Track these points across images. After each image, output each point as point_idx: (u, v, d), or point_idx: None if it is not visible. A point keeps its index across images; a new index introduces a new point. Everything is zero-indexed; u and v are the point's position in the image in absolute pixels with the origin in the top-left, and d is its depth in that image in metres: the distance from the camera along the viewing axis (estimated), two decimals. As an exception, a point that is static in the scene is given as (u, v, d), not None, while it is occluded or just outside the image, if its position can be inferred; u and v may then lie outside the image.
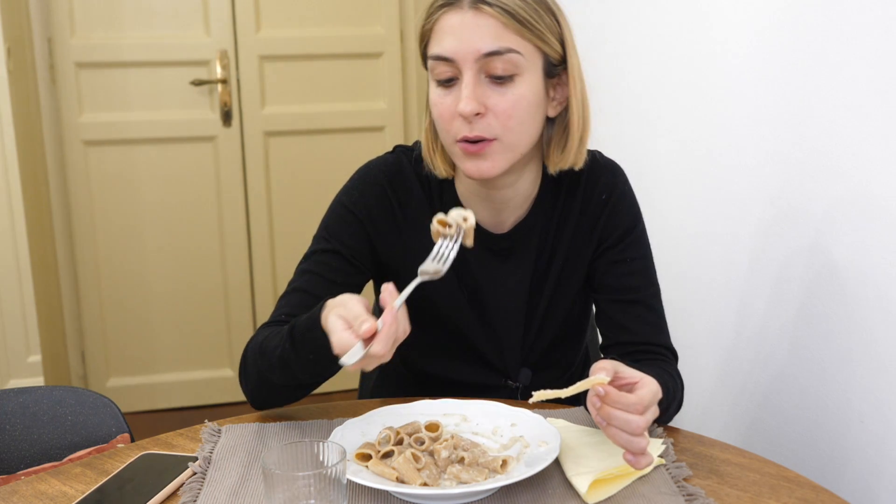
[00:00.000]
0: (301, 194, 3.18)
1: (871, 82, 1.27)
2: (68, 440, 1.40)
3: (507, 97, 1.12)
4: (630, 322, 1.25)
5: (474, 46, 1.10)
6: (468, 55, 1.10)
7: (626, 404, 0.96)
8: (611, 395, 0.96)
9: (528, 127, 1.15)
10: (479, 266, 1.27)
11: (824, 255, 1.40)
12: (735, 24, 1.62)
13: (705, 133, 1.74)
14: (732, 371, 1.70)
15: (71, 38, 2.94)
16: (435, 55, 1.13)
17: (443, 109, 1.14)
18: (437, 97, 1.15)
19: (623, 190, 1.27)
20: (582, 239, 1.27)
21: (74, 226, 3.04)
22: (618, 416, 0.96)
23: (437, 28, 1.13)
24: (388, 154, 1.30)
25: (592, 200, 1.26)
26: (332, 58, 3.14)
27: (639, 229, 1.28)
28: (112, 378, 3.16)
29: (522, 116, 1.14)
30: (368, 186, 1.26)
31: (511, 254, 1.27)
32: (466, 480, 0.99)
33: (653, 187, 1.92)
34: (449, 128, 1.14)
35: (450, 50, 1.11)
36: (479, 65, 1.11)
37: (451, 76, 1.13)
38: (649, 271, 1.28)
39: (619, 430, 0.97)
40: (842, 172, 1.34)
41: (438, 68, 1.13)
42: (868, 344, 1.32)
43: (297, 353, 1.08)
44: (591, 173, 1.26)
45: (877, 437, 1.31)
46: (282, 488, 0.86)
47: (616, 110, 2.07)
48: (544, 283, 1.28)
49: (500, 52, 1.10)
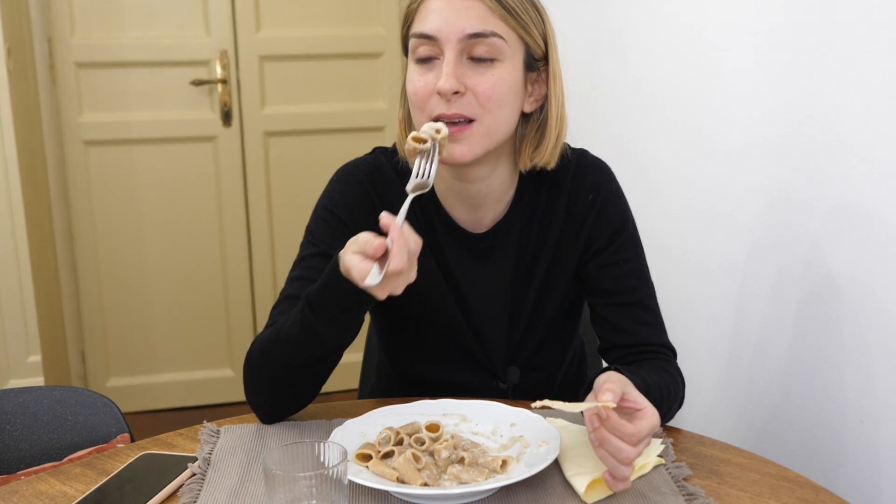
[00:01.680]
0: (301, 194, 3.18)
1: (874, 82, 1.27)
2: (68, 440, 1.40)
3: (488, 78, 1.12)
4: (627, 324, 1.24)
5: (459, 27, 1.10)
6: (452, 34, 1.10)
7: (623, 433, 0.96)
8: (611, 420, 0.96)
9: (506, 112, 1.15)
10: (459, 266, 1.27)
11: (824, 254, 1.40)
12: (736, 24, 1.62)
13: (705, 132, 1.74)
14: (732, 371, 1.70)
15: (71, 38, 2.93)
16: (418, 33, 1.13)
17: (419, 86, 1.13)
18: (414, 75, 1.15)
19: (610, 190, 1.26)
20: (568, 240, 1.26)
21: (74, 226, 3.04)
22: (612, 443, 0.96)
23: (423, 8, 1.14)
24: (366, 155, 1.30)
25: (579, 201, 1.25)
26: (332, 58, 3.14)
27: (629, 229, 1.26)
28: (112, 378, 3.16)
29: (501, 99, 1.13)
30: (348, 187, 1.26)
31: (491, 254, 1.27)
32: (466, 480, 0.99)
33: (652, 186, 1.92)
34: (424, 106, 1.14)
35: (433, 28, 1.11)
36: (461, 45, 1.11)
37: (431, 55, 1.13)
38: (643, 271, 1.27)
39: (609, 455, 0.97)
40: (843, 173, 1.34)
41: (420, 47, 1.13)
42: (868, 344, 1.32)
43: (320, 313, 1.05)
44: (577, 173, 1.25)
45: (877, 437, 1.31)
46: (283, 489, 0.86)
47: (616, 109, 2.07)
48: (529, 283, 1.27)
49: (485, 35, 1.11)
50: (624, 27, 2.03)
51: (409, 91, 1.16)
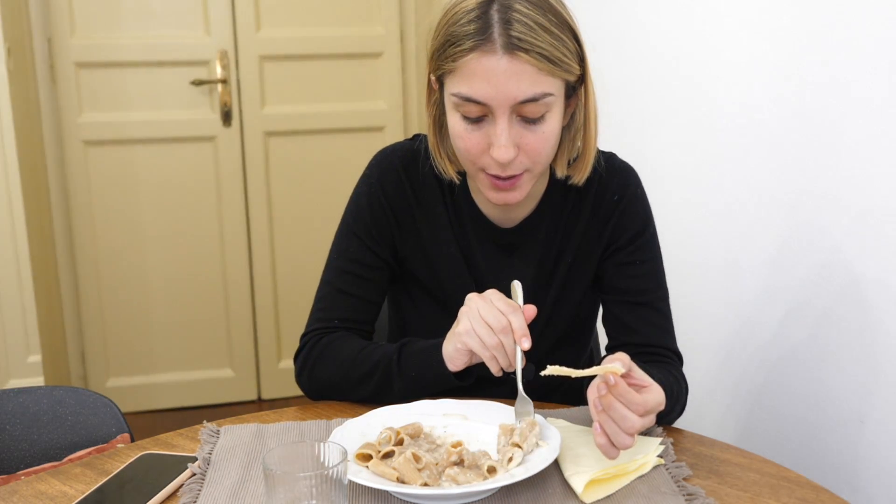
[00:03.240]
0: (301, 194, 3.18)
1: (878, 82, 1.27)
2: (68, 440, 1.40)
3: (538, 135, 1.11)
4: (637, 324, 1.25)
5: (511, 94, 1.06)
6: (504, 102, 1.07)
7: (629, 401, 0.97)
8: (619, 387, 0.97)
9: (552, 152, 1.16)
10: (484, 258, 1.28)
11: (823, 254, 1.40)
12: (738, 24, 1.62)
13: (708, 134, 1.74)
14: (732, 371, 1.70)
15: (71, 38, 2.93)
16: (465, 96, 1.09)
17: (471, 145, 1.12)
18: (463, 131, 1.12)
19: (636, 192, 1.27)
20: (592, 239, 1.27)
21: (74, 226, 3.04)
22: (617, 409, 0.97)
23: (467, 68, 1.07)
24: (407, 140, 1.31)
25: (604, 201, 1.26)
26: (332, 58, 3.14)
27: (650, 232, 1.28)
28: (112, 378, 3.16)
29: (549, 150, 1.14)
30: (385, 173, 1.28)
31: (515, 249, 1.28)
32: (463, 482, 0.99)
33: (653, 187, 1.92)
34: (476, 161, 1.13)
35: (484, 96, 1.07)
36: (511, 110, 1.08)
37: (480, 115, 1.10)
38: (659, 274, 1.28)
39: (612, 421, 0.97)
40: (843, 173, 1.34)
41: (467, 107, 1.10)
42: (868, 344, 1.32)
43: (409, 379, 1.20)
44: (605, 175, 1.26)
45: (876, 437, 1.31)
46: (283, 489, 0.86)
47: (619, 111, 2.07)
48: (550, 281, 1.28)
49: (537, 99, 1.08)
50: (623, 29, 2.03)
51: (458, 144, 1.14)
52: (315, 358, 1.26)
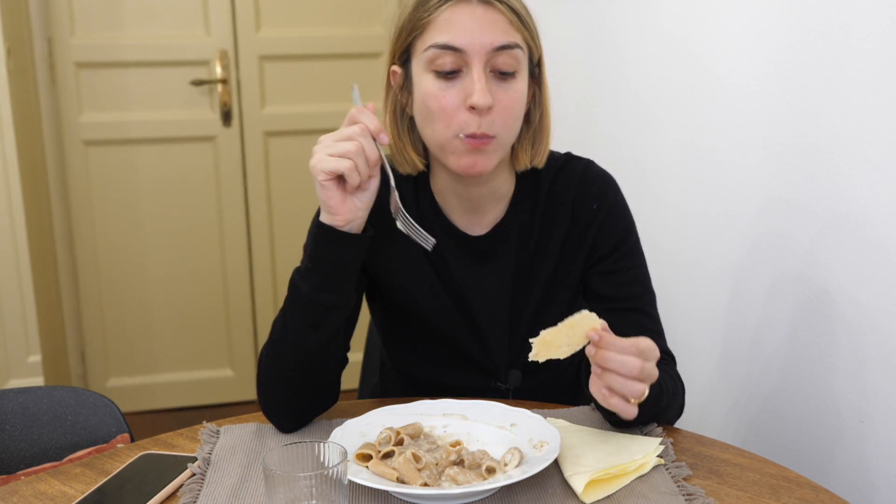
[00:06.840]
0: (301, 194, 3.18)
1: (875, 84, 1.27)
2: (68, 440, 1.41)
3: (510, 93, 1.13)
4: (627, 329, 1.23)
5: (487, 39, 1.10)
6: (481, 47, 1.11)
7: (621, 347, 0.98)
8: (606, 337, 0.98)
9: (519, 125, 1.18)
10: (459, 270, 1.27)
11: (823, 254, 1.40)
12: (738, 24, 1.62)
13: (704, 133, 1.74)
14: (731, 371, 1.70)
15: (71, 38, 2.94)
16: (441, 44, 1.11)
17: (446, 102, 1.13)
18: (437, 90, 1.13)
19: (615, 200, 1.27)
20: (572, 246, 1.27)
21: (74, 226, 3.05)
22: (613, 358, 0.97)
23: (441, 19, 1.12)
24: None
25: (583, 210, 1.26)
26: (332, 58, 3.14)
27: (632, 239, 1.28)
28: (112, 378, 3.16)
29: (518, 114, 1.16)
30: None
31: (491, 256, 1.27)
32: (462, 482, 0.99)
33: (651, 186, 1.92)
34: (451, 122, 1.13)
35: (461, 41, 1.11)
36: (487, 58, 1.11)
37: (455, 68, 1.12)
38: (645, 279, 1.28)
39: (615, 374, 0.98)
40: (843, 174, 1.34)
41: (443, 58, 1.12)
42: (868, 344, 1.32)
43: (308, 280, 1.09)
44: (583, 182, 1.27)
45: (877, 437, 1.31)
46: (283, 489, 0.86)
47: (616, 110, 2.07)
48: (531, 287, 1.28)
49: (510, 47, 1.12)
50: (621, 31, 2.03)
51: (431, 106, 1.14)
52: (262, 365, 1.17)
